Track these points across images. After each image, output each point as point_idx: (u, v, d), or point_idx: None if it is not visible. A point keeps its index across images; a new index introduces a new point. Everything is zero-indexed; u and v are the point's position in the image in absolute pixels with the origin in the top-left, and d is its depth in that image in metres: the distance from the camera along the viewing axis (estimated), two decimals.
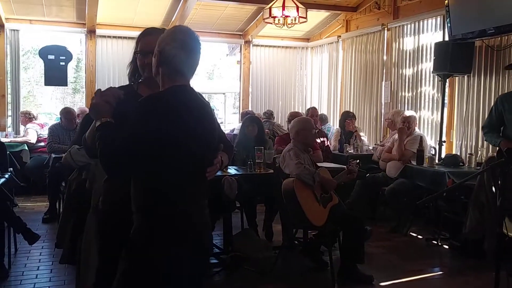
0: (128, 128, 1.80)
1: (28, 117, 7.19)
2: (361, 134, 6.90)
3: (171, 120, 1.82)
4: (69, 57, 7.79)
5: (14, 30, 7.83)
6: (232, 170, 4.56)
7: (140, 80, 2.29)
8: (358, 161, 4.28)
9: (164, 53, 1.92)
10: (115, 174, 1.90)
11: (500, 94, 5.32)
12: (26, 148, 6.86)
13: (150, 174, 1.86)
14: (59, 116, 6.78)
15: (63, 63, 7.71)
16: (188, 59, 1.94)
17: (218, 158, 2.10)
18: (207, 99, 2.12)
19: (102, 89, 2.02)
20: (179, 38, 1.93)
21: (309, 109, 7.38)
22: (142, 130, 1.79)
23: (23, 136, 7.09)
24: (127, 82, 2.33)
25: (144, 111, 1.83)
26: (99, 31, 8.05)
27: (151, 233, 1.86)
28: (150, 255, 1.86)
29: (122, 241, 1.97)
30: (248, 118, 5.43)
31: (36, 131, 7.01)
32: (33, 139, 6.91)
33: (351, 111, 7.47)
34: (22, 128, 7.47)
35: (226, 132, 8.08)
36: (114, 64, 8.21)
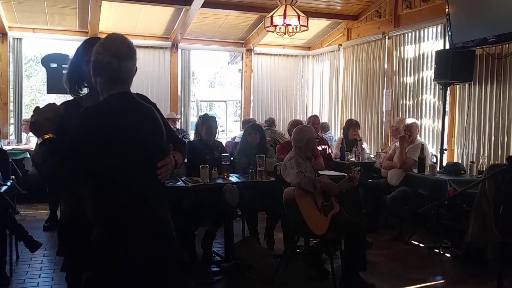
0: (68, 141, 1.84)
1: None
2: (364, 145, 6.90)
3: (110, 128, 1.85)
4: None
5: (17, 38, 7.88)
6: (233, 178, 4.57)
7: (82, 94, 2.27)
8: (359, 167, 4.28)
9: (97, 63, 1.93)
10: (61, 187, 1.98)
11: (501, 102, 5.34)
12: (28, 156, 6.88)
13: (99, 183, 1.90)
14: None
15: (66, 71, 7.73)
16: (122, 66, 1.94)
17: (169, 158, 2.07)
18: (152, 103, 2.15)
19: (40, 107, 2.03)
20: (110, 47, 1.93)
21: (310, 117, 7.38)
22: (81, 141, 1.82)
23: (25, 144, 7.10)
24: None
25: (82, 123, 1.86)
26: None
27: (110, 241, 1.89)
28: (110, 263, 1.89)
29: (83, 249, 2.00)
30: (250, 126, 5.44)
31: None
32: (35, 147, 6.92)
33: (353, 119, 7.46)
34: (24, 136, 7.48)
35: (227, 140, 8.09)
36: None
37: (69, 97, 2.37)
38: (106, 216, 1.91)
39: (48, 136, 1.92)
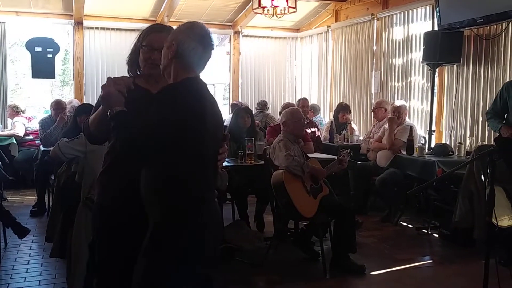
0: (148, 117, 1.81)
1: (16, 111, 7.10)
2: (354, 125, 6.91)
3: (189, 110, 1.85)
4: (56, 49, 7.68)
5: (0, 22, 7.71)
6: None
7: (138, 73, 2.25)
8: (349, 150, 4.29)
9: (183, 46, 1.94)
10: (136, 159, 1.91)
11: (489, 83, 5.36)
12: (15, 141, 6.79)
13: (169, 163, 1.87)
14: (48, 109, 6.74)
15: (51, 55, 7.60)
16: (204, 53, 2.00)
17: (225, 147, 2.14)
18: None
19: (112, 77, 2.01)
20: (197, 33, 1.99)
21: (299, 100, 7.36)
22: (163, 119, 1.80)
23: (11, 129, 7.01)
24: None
25: (164, 101, 1.85)
26: (86, 23, 7.94)
27: (179, 225, 1.87)
28: (181, 246, 1.87)
29: (130, 237, 1.98)
30: (243, 109, 5.40)
31: (24, 124, 6.93)
32: (21, 132, 6.84)
33: (342, 101, 7.46)
34: (9, 121, 7.38)
35: None
36: (103, 55, 8.13)
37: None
38: (175, 200, 1.88)
39: (121, 109, 1.89)
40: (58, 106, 6.26)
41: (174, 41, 1.96)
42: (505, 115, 4.37)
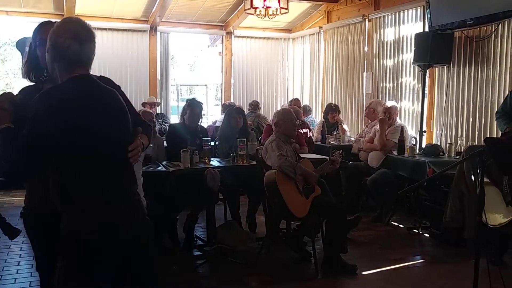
0: (27, 126, 1.78)
1: None
2: (344, 126, 6.95)
3: (70, 111, 1.81)
4: None
5: None
6: (215, 162, 4.55)
7: (43, 78, 2.22)
8: (341, 151, 4.31)
9: (57, 46, 1.88)
10: (23, 176, 1.91)
11: (479, 84, 5.40)
12: None
13: (63, 168, 1.85)
14: None
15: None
16: (83, 49, 1.92)
17: (138, 141, 2.07)
18: (116, 85, 2.11)
19: None
20: (70, 29, 1.90)
21: (291, 100, 7.39)
22: (41, 126, 1.77)
23: None
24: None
25: (40, 107, 1.80)
26: None
27: (81, 228, 1.86)
28: (84, 249, 1.85)
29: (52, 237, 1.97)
30: (234, 109, 5.39)
31: None
32: None
33: (333, 102, 7.50)
34: None
35: (208, 124, 8.05)
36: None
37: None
38: (76, 203, 1.87)
39: (4, 126, 1.86)
40: None
41: (49, 43, 1.91)
42: None
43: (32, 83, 2.25)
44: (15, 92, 2.12)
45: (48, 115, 1.78)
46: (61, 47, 1.87)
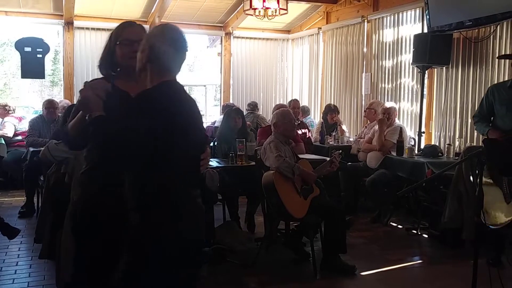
0: (125, 123, 1.81)
1: (6, 110, 7.05)
2: (343, 127, 6.96)
3: (165, 115, 1.84)
4: (46, 49, 7.61)
5: None
6: (213, 163, 4.55)
7: (115, 73, 2.25)
8: (340, 151, 4.31)
9: (155, 49, 1.93)
10: (114, 165, 1.92)
11: (477, 85, 5.41)
12: (3, 142, 6.73)
13: (148, 169, 1.86)
14: (37, 110, 6.70)
15: (40, 55, 7.54)
16: (177, 56, 1.99)
17: (208, 151, 2.15)
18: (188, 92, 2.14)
19: (88, 82, 2.01)
20: (169, 36, 1.97)
21: (290, 101, 7.38)
22: (141, 125, 1.80)
23: (0, 129, 6.95)
24: None
25: (140, 107, 1.85)
26: (77, 23, 7.90)
27: (156, 229, 1.87)
28: (158, 250, 1.87)
29: (106, 234, 1.97)
30: (234, 110, 5.39)
31: (14, 125, 6.88)
32: (10, 133, 6.78)
33: (332, 103, 7.50)
34: None
35: (207, 124, 8.06)
36: (93, 56, 8.06)
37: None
38: (153, 204, 1.88)
39: (99, 114, 1.87)
40: (50, 105, 6.22)
41: (147, 45, 1.95)
42: (492, 118, 4.37)
43: (102, 76, 2.26)
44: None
45: (146, 117, 1.80)
46: (159, 51, 1.93)
